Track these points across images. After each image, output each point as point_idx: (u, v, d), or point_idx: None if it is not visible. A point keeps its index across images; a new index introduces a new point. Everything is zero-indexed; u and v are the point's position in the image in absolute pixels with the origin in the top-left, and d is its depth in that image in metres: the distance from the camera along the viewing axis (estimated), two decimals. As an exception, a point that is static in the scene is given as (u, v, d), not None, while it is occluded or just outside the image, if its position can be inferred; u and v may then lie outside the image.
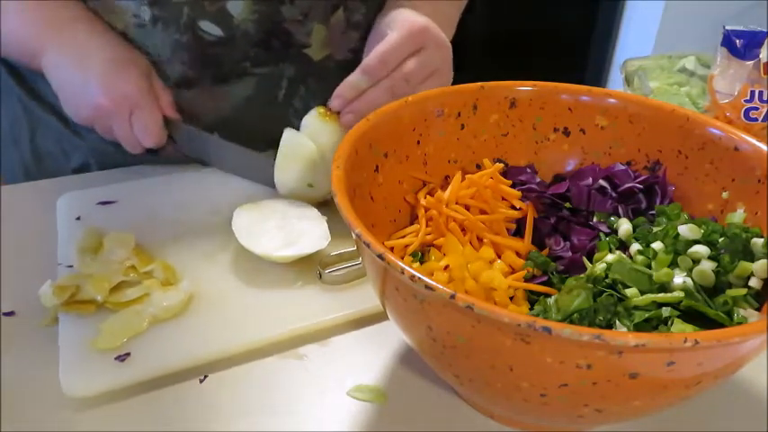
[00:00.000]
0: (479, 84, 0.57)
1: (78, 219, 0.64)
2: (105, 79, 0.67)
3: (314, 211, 0.64)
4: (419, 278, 0.36)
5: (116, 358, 0.49)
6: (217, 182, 0.72)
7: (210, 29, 0.70)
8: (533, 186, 0.57)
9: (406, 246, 0.52)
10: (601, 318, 0.43)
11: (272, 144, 0.69)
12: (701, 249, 0.45)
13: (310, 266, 0.60)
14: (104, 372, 0.48)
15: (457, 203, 0.54)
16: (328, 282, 0.59)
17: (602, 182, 0.56)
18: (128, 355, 0.50)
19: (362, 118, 0.64)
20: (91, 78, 0.67)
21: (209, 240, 0.63)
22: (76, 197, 0.68)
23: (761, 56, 0.74)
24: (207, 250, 0.62)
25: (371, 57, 0.63)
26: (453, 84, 0.58)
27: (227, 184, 0.71)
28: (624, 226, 0.51)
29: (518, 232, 0.55)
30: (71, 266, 0.57)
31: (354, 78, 0.64)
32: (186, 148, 0.73)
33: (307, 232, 0.61)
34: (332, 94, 0.71)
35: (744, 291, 0.44)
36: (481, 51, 2.15)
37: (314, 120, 0.65)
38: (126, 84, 0.67)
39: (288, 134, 0.65)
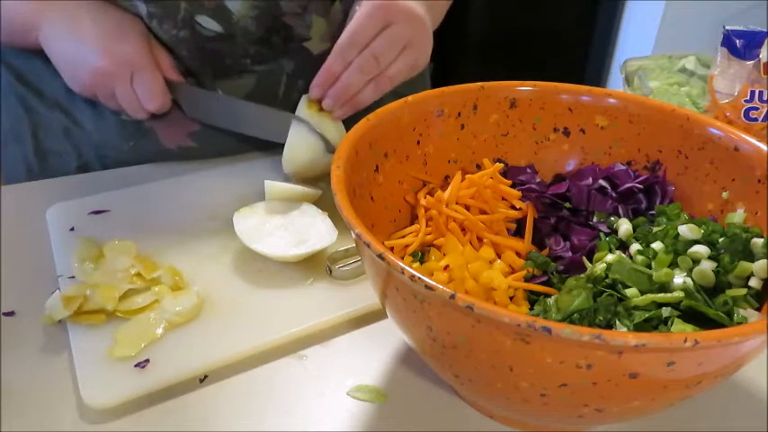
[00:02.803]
0: (479, 84, 0.57)
1: (72, 230, 0.63)
2: (103, 41, 0.66)
3: (312, 207, 0.64)
4: (419, 278, 0.36)
5: (136, 366, 0.49)
6: (206, 186, 0.71)
7: (209, 24, 0.70)
8: (533, 186, 0.57)
9: (406, 246, 0.52)
10: (601, 318, 0.43)
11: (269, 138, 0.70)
12: (701, 249, 0.46)
13: (317, 263, 0.60)
14: (125, 380, 0.48)
15: (457, 203, 0.54)
16: (338, 277, 0.59)
17: (602, 182, 0.56)
18: (147, 361, 0.49)
19: (342, 101, 0.66)
20: (87, 42, 0.66)
21: (209, 244, 0.62)
22: (67, 207, 0.67)
23: (761, 56, 0.74)
24: (209, 254, 0.61)
25: (341, 39, 0.64)
26: (453, 84, 0.57)
27: (218, 188, 0.70)
28: (624, 226, 0.51)
29: (518, 232, 0.55)
30: (73, 277, 0.57)
31: (328, 63, 0.65)
32: (191, 110, 0.73)
33: (312, 228, 0.61)
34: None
35: (744, 291, 0.44)
36: (481, 51, 2.15)
37: (306, 114, 0.68)
38: (125, 44, 0.67)
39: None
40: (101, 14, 0.68)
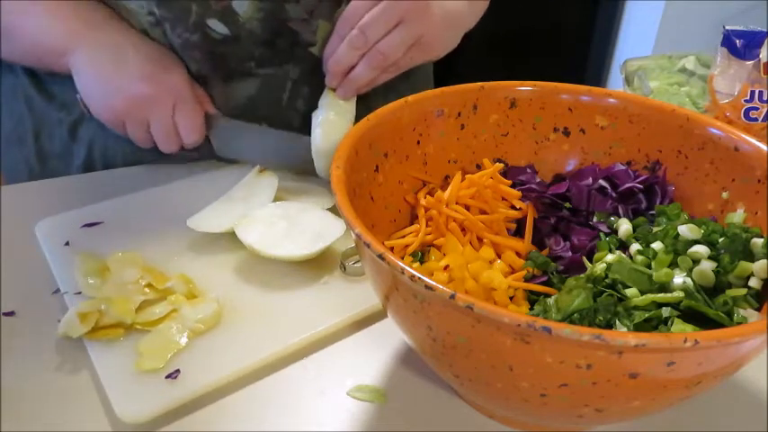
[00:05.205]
0: (479, 84, 0.57)
1: (67, 244, 0.61)
2: (149, 69, 0.67)
3: (309, 204, 0.64)
4: (419, 278, 0.36)
5: (167, 377, 0.48)
6: (199, 191, 0.69)
7: (218, 27, 0.70)
8: (533, 186, 0.57)
9: (406, 246, 0.52)
10: (601, 318, 0.43)
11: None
12: (700, 249, 0.46)
13: (328, 261, 0.60)
14: (158, 392, 0.48)
15: (457, 203, 0.54)
16: (352, 273, 0.59)
17: (602, 182, 0.56)
18: (178, 372, 0.49)
19: (337, 76, 0.68)
20: (131, 69, 0.67)
21: (211, 250, 0.62)
22: (57, 222, 0.64)
23: (761, 56, 0.74)
24: (213, 259, 0.61)
25: (354, 29, 0.66)
26: (453, 84, 0.58)
27: (208, 198, 0.67)
28: (624, 226, 0.51)
29: (518, 232, 0.55)
30: (79, 293, 0.55)
31: (340, 53, 0.67)
32: (221, 146, 0.73)
33: (319, 223, 0.62)
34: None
35: (744, 291, 0.44)
36: (481, 51, 2.14)
37: (330, 100, 0.70)
38: (171, 74, 0.67)
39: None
40: (144, 44, 0.69)
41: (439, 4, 0.70)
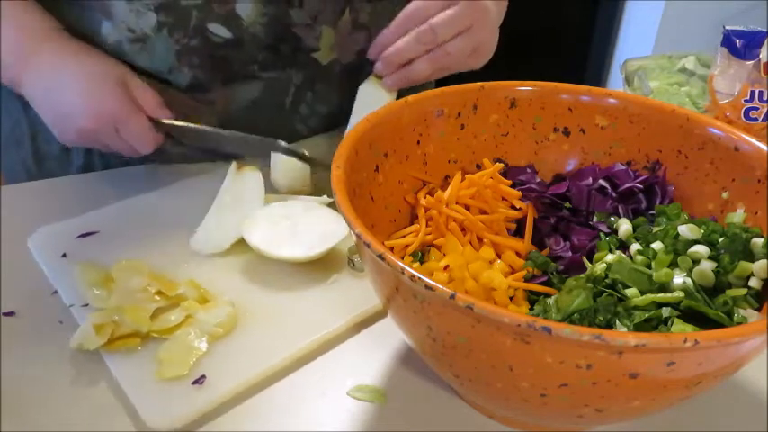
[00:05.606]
0: (479, 84, 0.57)
1: (64, 256, 0.60)
2: (82, 102, 0.66)
3: (312, 203, 0.64)
4: (419, 278, 0.36)
5: (193, 383, 0.48)
6: (193, 197, 0.68)
7: (219, 31, 0.70)
8: (533, 186, 0.57)
9: (406, 246, 0.52)
10: (601, 318, 0.43)
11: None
12: (701, 249, 0.46)
13: (334, 259, 0.60)
14: (185, 398, 0.47)
15: (457, 203, 0.54)
16: (360, 269, 0.59)
17: (602, 182, 0.56)
18: (203, 377, 0.49)
19: (393, 64, 0.68)
20: (68, 104, 0.66)
21: (217, 254, 0.61)
22: (51, 233, 0.62)
23: (761, 56, 0.74)
24: (221, 263, 0.60)
25: (402, 13, 0.67)
26: (453, 84, 0.58)
27: (205, 199, 0.66)
28: (624, 226, 0.51)
29: (518, 232, 0.55)
30: (86, 305, 0.54)
31: (387, 31, 0.68)
32: (185, 139, 0.73)
33: (323, 223, 0.61)
34: (338, 97, 0.71)
35: (744, 291, 0.44)
36: (481, 51, 2.14)
37: (372, 87, 0.70)
38: (104, 102, 0.66)
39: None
40: (79, 71, 0.67)
41: (494, 12, 0.71)
